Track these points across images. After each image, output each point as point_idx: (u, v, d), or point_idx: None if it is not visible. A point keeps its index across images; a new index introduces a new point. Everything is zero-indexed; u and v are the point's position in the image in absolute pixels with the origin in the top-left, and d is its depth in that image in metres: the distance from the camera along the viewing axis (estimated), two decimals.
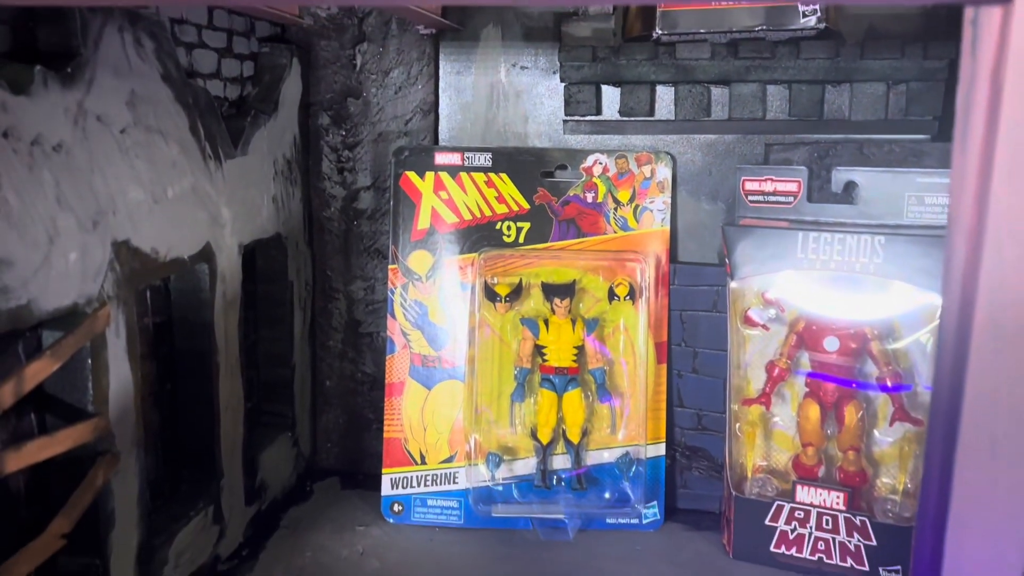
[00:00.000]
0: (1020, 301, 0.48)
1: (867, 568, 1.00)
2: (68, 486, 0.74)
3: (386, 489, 1.16)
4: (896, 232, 0.98)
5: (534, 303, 1.14)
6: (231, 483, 1.04)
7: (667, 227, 1.16)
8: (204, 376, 0.98)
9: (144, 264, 0.83)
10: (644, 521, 1.14)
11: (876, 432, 1.03)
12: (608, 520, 1.14)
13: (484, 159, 1.15)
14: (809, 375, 1.04)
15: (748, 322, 1.06)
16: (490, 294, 1.12)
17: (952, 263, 0.50)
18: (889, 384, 1.00)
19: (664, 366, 1.16)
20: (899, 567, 0.99)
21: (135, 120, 0.81)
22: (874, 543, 1.00)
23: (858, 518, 1.00)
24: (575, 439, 1.12)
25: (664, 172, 1.15)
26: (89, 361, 0.75)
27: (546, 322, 1.12)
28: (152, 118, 0.83)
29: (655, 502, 1.14)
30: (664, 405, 1.16)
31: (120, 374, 0.79)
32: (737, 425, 1.08)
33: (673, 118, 1.16)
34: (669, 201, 1.16)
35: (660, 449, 1.15)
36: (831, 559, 1.02)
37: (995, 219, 0.48)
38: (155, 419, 0.96)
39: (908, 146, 1.08)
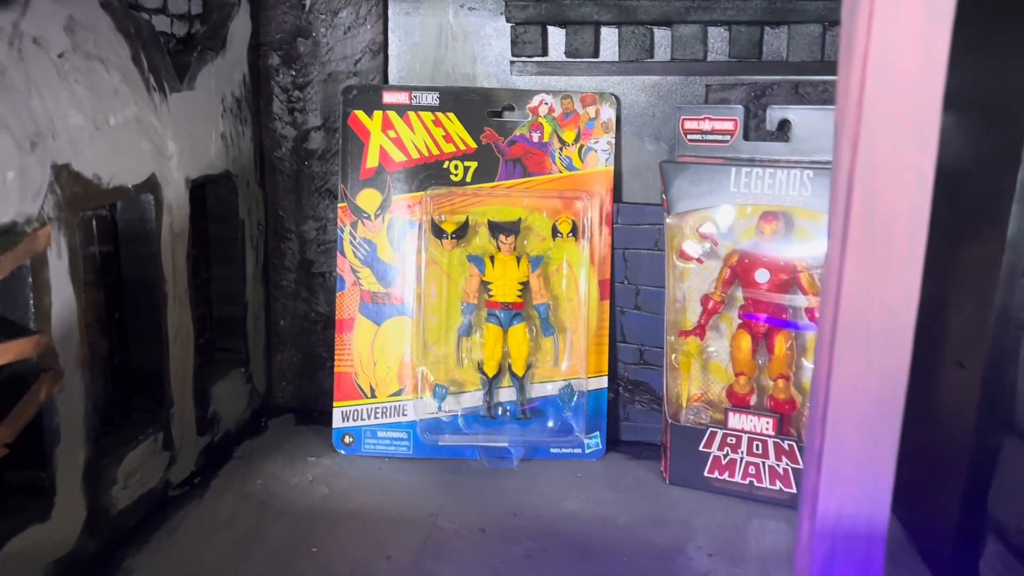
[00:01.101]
0: (887, 201, 0.52)
1: (794, 490, 1.05)
2: (11, 401, 0.76)
3: (337, 422, 1.19)
4: (825, 167, 1.01)
5: (480, 241, 1.17)
6: (181, 412, 1.06)
7: (611, 167, 1.18)
8: (151, 306, 1.00)
9: (86, 189, 0.84)
10: (587, 451, 1.18)
11: (805, 361, 1.07)
12: (552, 450, 1.18)
13: (432, 99, 1.17)
14: (742, 308, 1.07)
15: (683, 256, 1.10)
16: (437, 231, 1.15)
17: (838, 174, 0.53)
18: (817, 314, 1.04)
19: (607, 303, 1.19)
20: None
21: (74, 45, 0.82)
22: (801, 466, 1.04)
23: (786, 442, 1.05)
24: (520, 372, 1.16)
25: (608, 113, 1.18)
26: (30, 279, 0.77)
27: (492, 259, 1.14)
28: (92, 45, 0.85)
29: (597, 432, 1.19)
30: (607, 340, 1.19)
31: (63, 295, 0.81)
32: (673, 356, 1.12)
33: (617, 59, 1.18)
34: (613, 141, 1.18)
35: (602, 382, 1.19)
36: (761, 482, 1.07)
37: (868, 127, 0.51)
38: (104, 346, 0.98)
39: None
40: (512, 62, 1.21)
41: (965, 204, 0.90)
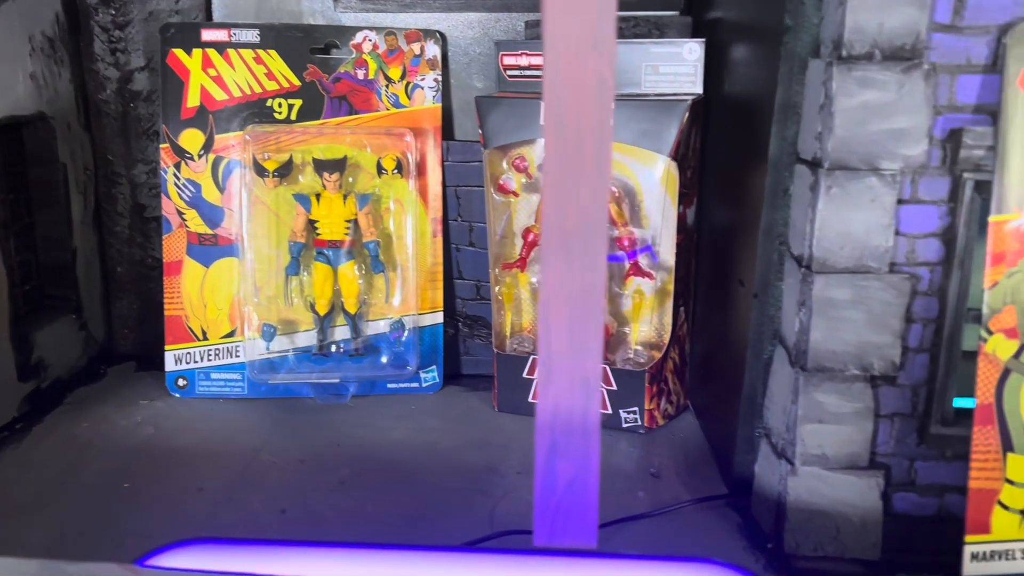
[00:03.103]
0: (573, 108, 0.54)
1: (610, 411, 1.10)
2: None
3: (170, 365, 1.19)
4: (628, 99, 1.04)
5: (308, 179, 1.17)
6: None
7: (439, 104, 1.19)
8: None
9: None
10: (424, 384, 1.21)
11: (617, 288, 1.11)
12: (389, 385, 1.20)
13: (252, 36, 1.16)
14: None
15: (502, 190, 1.12)
16: (259, 170, 1.15)
17: (546, 78, 0.55)
18: (626, 243, 1.08)
19: (440, 239, 1.21)
20: (636, 408, 1.09)
21: None
22: (615, 388, 1.09)
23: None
24: (352, 310, 1.17)
25: (434, 49, 1.19)
26: None
27: (318, 196, 1.15)
28: None
29: (434, 367, 1.21)
30: (441, 277, 1.21)
31: None
32: (497, 288, 1.14)
33: None
34: (440, 78, 1.19)
35: (438, 318, 1.21)
36: None
37: (552, 38, 0.53)
38: None
39: (653, 20, 1.14)
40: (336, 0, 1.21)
41: (739, 128, 0.94)
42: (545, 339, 0.59)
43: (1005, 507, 0.74)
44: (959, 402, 0.79)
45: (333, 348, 1.18)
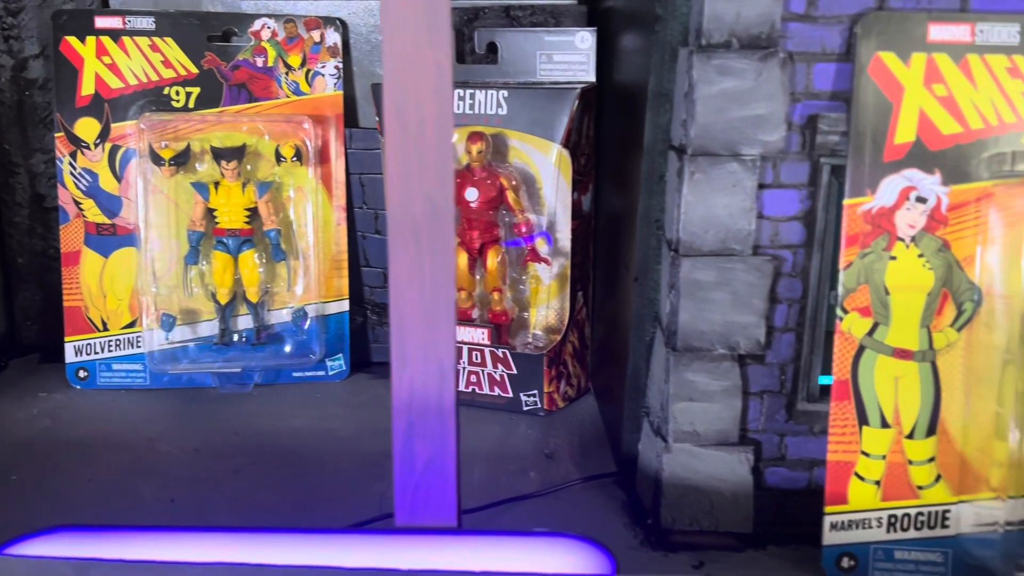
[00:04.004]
0: (416, 91, 0.55)
1: (511, 395, 1.12)
2: None
3: (70, 357, 1.18)
4: (523, 86, 1.05)
5: (208, 168, 1.16)
6: None
7: (341, 92, 1.19)
8: None
9: None
10: (330, 373, 1.21)
11: (516, 274, 1.13)
12: (294, 374, 1.21)
13: (147, 23, 1.15)
14: (457, 227, 1.12)
15: None
16: (155, 158, 1.13)
17: (385, 69, 0.56)
18: (523, 229, 1.10)
19: (344, 227, 1.21)
20: (536, 391, 1.10)
21: None
22: (515, 372, 1.11)
23: (500, 351, 1.11)
24: (254, 298, 1.17)
25: (334, 37, 1.18)
26: None
27: (216, 185, 1.14)
28: None
29: (340, 355, 1.22)
30: (346, 265, 1.22)
31: None
32: None
33: None
34: (341, 66, 1.19)
35: (343, 306, 1.22)
36: (482, 389, 1.13)
37: (390, 32, 0.54)
38: None
39: (549, 8, 1.15)
40: None
41: (622, 116, 0.96)
42: (398, 324, 0.60)
43: (861, 478, 0.77)
44: (825, 379, 0.82)
45: (235, 337, 1.18)
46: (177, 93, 1.16)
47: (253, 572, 0.54)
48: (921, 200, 0.74)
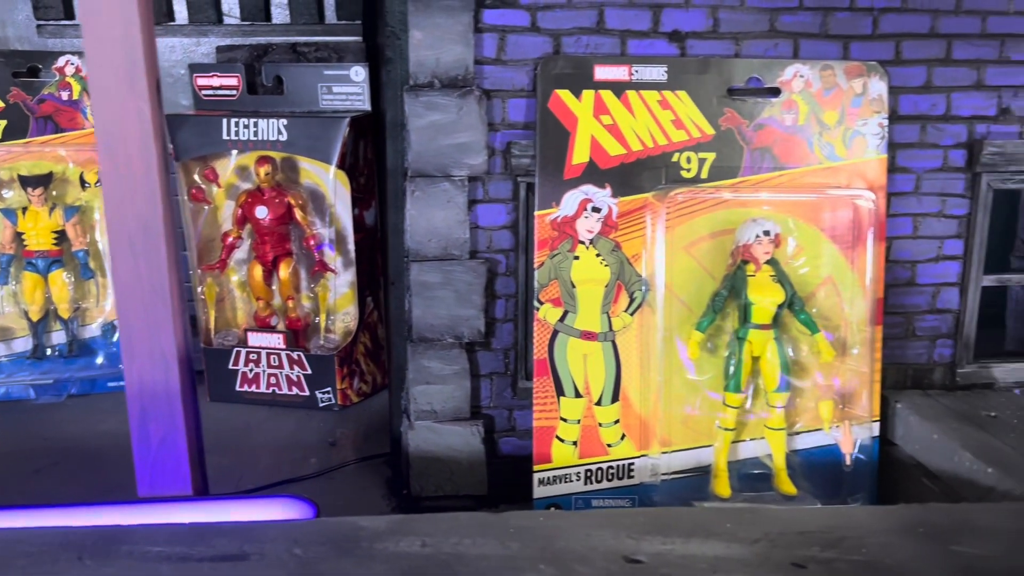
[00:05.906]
0: (120, 135, 0.68)
1: (307, 393, 1.24)
2: None
3: None
4: (302, 116, 1.19)
5: (16, 195, 1.24)
6: None
7: None
8: None
9: None
10: None
11: (310, 283, 1.25)
12: (110, 384, 1.29)
13: None
14: (253, 241, 1.24)
15: (194, 198, 1.24)
16: None
17: (95, 115, 0.68)
18: (311, 243, 1.22)
19: None
20: (329, 388, 1.23)
21: None
22: (310, 372, 1.23)
23: (296, 353, 1.23)
24: (65, 315, 1.26)
25: None
26: None
27: (24, 210, 1.23)
28: None
29: None
30: None
31: None
32: (200, 289, 1.26)
33: None
34: None
35: None
36: (281, 390, 1.25)
37: (97, 83, 0.67)
38: None
39: (333, 45, 1.29)
40: (40, 25, 1.28)
41: (380, 141, 1.10)
42: (125, 324, 0.72)
43: (561, 440, 0.93)
44: None
45: (48, 351, 1.26)
46: None
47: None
48: (596, 210, 0.91)
